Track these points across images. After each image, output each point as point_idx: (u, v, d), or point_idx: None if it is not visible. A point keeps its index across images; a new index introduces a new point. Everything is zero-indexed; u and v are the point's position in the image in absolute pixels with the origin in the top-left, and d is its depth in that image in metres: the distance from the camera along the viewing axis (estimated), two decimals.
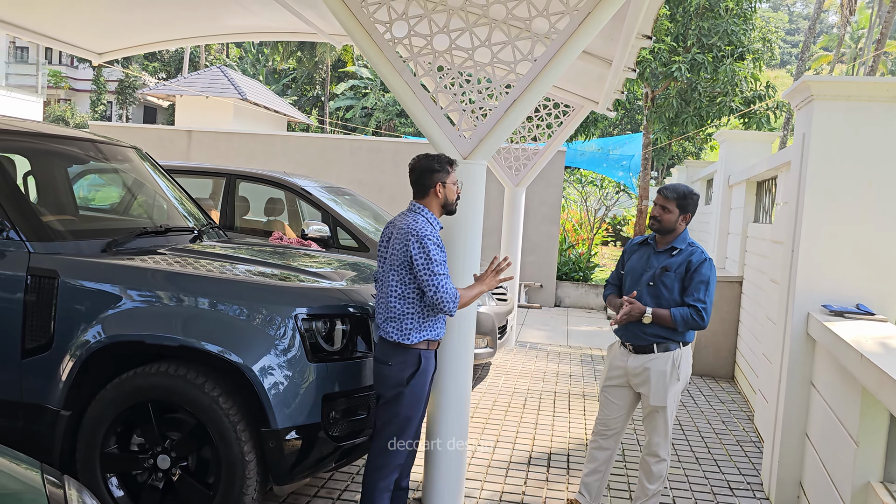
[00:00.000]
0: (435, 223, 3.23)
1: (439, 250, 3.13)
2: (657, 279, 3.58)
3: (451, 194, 3.29)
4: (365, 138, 12.89)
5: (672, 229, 3.61)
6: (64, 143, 4.50)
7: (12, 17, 5.88)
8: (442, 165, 3.27)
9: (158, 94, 22.73)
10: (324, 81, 35.06)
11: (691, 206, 3.62)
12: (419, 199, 3.28)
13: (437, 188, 3.25)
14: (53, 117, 33.25)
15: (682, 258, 3.57)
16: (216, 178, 6.76)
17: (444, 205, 3.29)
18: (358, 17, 3.58)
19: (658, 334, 3.55)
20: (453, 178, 3.29)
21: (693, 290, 3.51)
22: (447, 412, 3.67)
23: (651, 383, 3.57)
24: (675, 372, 3.56)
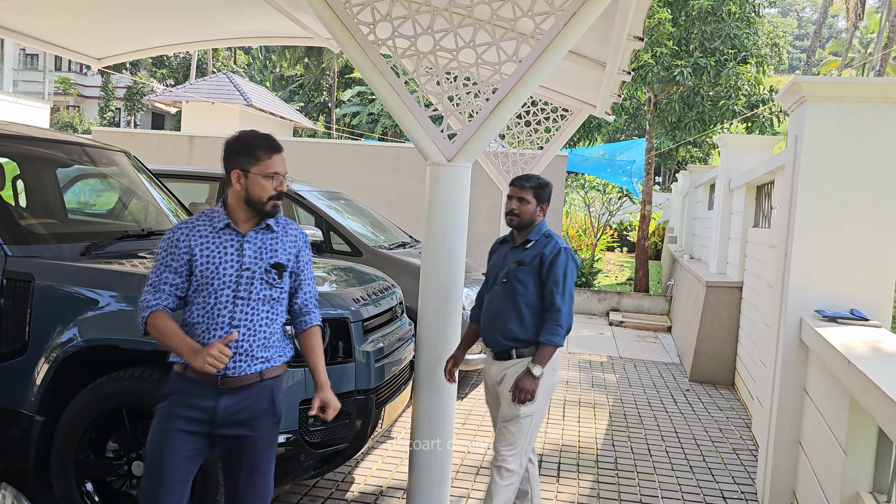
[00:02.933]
0: (217, 219, 2.45)
1: (166, 251, 2.42)
2: (511, 276, 3.31)
3: (257, 189, 2.42)
4: (366, 144, 12.88)
5: (531, 221, 3.38)
6: (53, 147, 4.49)
7: (14, 23, 5.89)
8: (249, 147, 2.45)
9: (165, 100, 22.83)
10: (331, 88, 35.14)
11: (547, 195, 3.42)
12: (228, 188, 2.52)
13: (234, 176, 2.44)
14: (62, 124, 33.45)
15: (535, 251, 3.31)
16: (211, 183, 6.74)
17: (247, 201, 2.44)
18: (342, 18, 3.54)
19: (517, 337, 3.26)
20: (265, 169, 2.42)
21: (547, 296, 3.22)
22: (432, 412, 3.61)
23: (504, 391, 3.29)
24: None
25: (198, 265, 2.41)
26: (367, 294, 3.76)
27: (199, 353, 2.31)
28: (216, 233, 2.44)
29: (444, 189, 3.56)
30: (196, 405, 2.39)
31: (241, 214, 2.46)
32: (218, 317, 2.41)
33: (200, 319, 2.42)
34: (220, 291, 2.41)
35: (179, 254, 2.41)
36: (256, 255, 2.47)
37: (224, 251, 2.43)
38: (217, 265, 2.42)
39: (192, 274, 2.42)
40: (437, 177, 3.57)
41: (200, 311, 2.42)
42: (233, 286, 2.42)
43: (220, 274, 2.42)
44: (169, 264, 2.41)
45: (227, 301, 2.42)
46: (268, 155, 2.44)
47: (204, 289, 2.41)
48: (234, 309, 2.42)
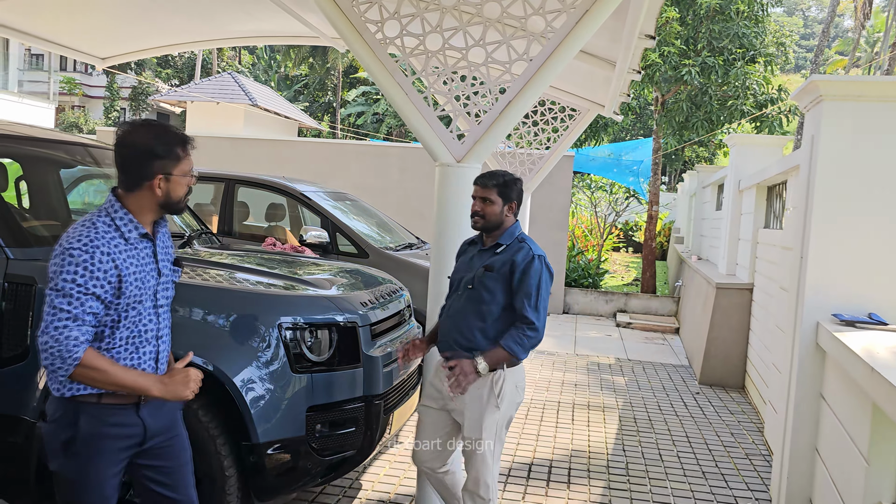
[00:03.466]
0: (127, 229, 2.18)
1: (87, 275, 2.07)
2: (477, 282, 2.99)
3: (179, 190, 2.23)
4: (371, 143, 12.82)
5: (499, 223, 3.06)
6: (56, 148, 4.44)
7: (19, 23, 5.86)
8: (169, 147, 2.20)
9: (170, 100, 22.79)
10: (335, 87, 35.10)
11: (515, 192, 3.08)
12: (125, 192, 2.21)
13: (155, 182, 2.18)
14: (67, 124, 33.48)
15: (506, 256, 2.99)
16: (216, 184, 6.69)
17: (164, 204, 2.23)
18: (349, 16, 3.48)
19: (479, 348, 2.96)
20: (185, 167, 2.23)
21: (520, 302, 2.93)
22: None
23: (466, 410, 2.98)
24: (494, 398, 2.96)
25: (128, 284, 2.16)
26: (374, 297, 3.69)
27: (173, 381, 2.20)
28: (131, 244, 2.19)
29: (453, 190, 3.50)
30: (125, 433, 2.21)
31: (148, 218, 2.25)
32: (145, 332, 2.26)
33: (124, 342, 2.21)
34: (144, 305, 2.24)
35: (106, 278, 2.11)
36: (164, 258, 2.35)
37: (145, 262, 2.24)
38: (144, 279, 2.22)
39: (118, 296, 2.15)
40: (446, 178, 3.51)
41: (127, 332, 2.21)
42: (152, 297, 2.28)
43: (147, 287, 2.24)
44: (92, 291, 2.08)
45: (150, 313, 2.27)
46: (185, 151, 2.24)
47: (132, 308, 2.20)
48: (157, 320, 2.30)
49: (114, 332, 2.19)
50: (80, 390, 2.16)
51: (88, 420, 2.16)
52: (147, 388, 2.17)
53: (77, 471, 2.18)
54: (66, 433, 2.17)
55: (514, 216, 3.11)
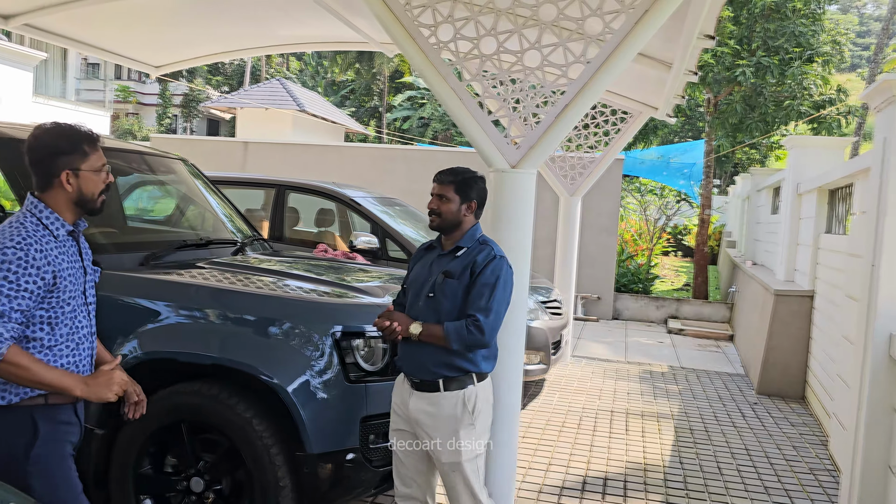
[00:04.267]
0: (55, 226, 2.24)
1: (19, 272, 2.10)
2: (437, 289, 2.78)
3: (91, 186, 2.27)
4: (418, 148, 12.80)
5: (456, 223, 2.87)
6: (113, 155, 4.50)
7: (78, 34, 6.00)
8: (74, 143, 2.24)
9: (220, 106, 23.19)
10: (381, 92, 35.31)
11: (475, 190, 2.90)
12: (40, 193, 2.26)
13: (63, 178, 2.23)
14: (121, 131, 34.35)
15: (466, 260, 2.79)
16: (267, 189, 6.73)
17: (77, 202, 2.27)
18: (402, 21, 3.43)
19: (448, 363, 2.73)
20: (95, 163, 2.27)
21: (473, 297, 2.71)
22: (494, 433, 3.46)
23: (439, 435, 2.76)
24: (469, 416, 2.76)
25: (63, 280, 2.22)
26: None
27: (97, 382, 2.25)
28: (60, 242, 2.25)
29: (508, 196, 3.42)
30: (70, 431, 2.29)
31: (69, 217, 2.29)
32: (81, 329, 2.31)
33: (65, 338, 2.25)
34: (78, 302, 2.29)
35: (40, 274, 2.15)
36: (86, 256, 2.41)
37: (72, 259, 2.30)
38: (75, 276, 2.28)
39: (52, 293, 2.19)
40: (501, 183, 3.43)
41: (64, 328, 2.25)
42: (82, 295, 2.33)
43: (77, 284, 2.29)
44: (23, 288, 2.11)
45: (83, 310, 2.33)
46: (93, 147, 2.28)
47: (67, 304, 2.24)
48: (88, 318, 2.36)
49: (53, 330, 2.22)
50: (25, 395, 2.18)
51: (45, 422, 2.21)
52: (70, 388, 2.20)
53: (44, 471, 2.19)
54: (24, 439, 2.18)
55: (476, 217, 2.94)
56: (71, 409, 2.30)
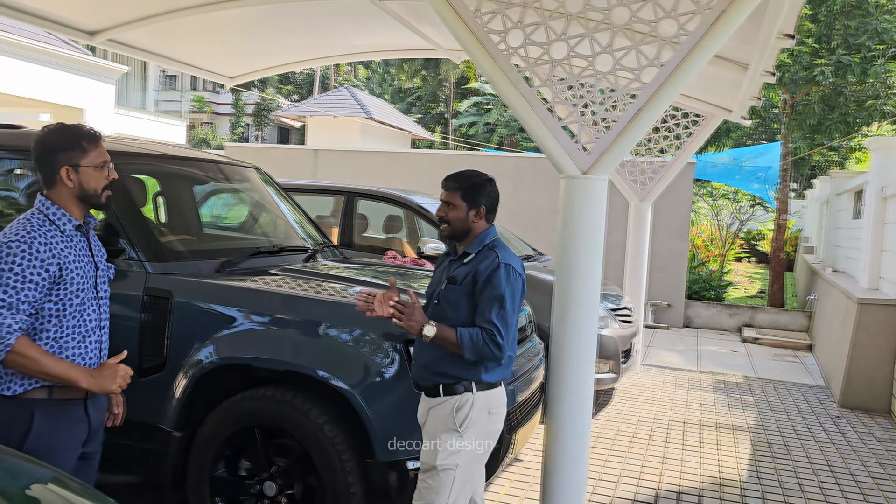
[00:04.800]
0: (61, 222, 2.33)
1: (24, 265, 2.19)
2: (441, 296, 2.70)
3: (92, 181, 2.35)
4: (485, 153, 12.80)
5: (465, 230, 2.75)
6: (190, 164, 4.64)
7: (155, 47, 6.24)
8: (72, 140, 2.32)
9: (290, 115, 23.75)
10: (447, 99, 35.48)
11: (484, 195, 2.78)
12: (47, 190, 2.37)
13: (63, 174, 2.31)
14: (197, 139, 35.51)
15: (470, 266, 2.67)
16: (336, 196, 6.82)
17: (80, 197, 2.35)
18: (471, 27, 3.42)
19: (444, 371, 2.65)
20: (95, 159, 2.35)
21: (482, 309, 2.59)
22: (564, 444, 3.41)
23: (427, 433, 2.70)
24: (454, 422, 2.62)
25: (69, 272, 2.29)
26: None
27: (101, 375, 2.30)
28: (67, 236, 2.34)
29: (579, 203, 3.37)
30: (75, 429, 2.32)
31: (75, 212, 2.37)
32: (89, 322, 2.38)
33: (72, 331, 2.32)
34: (87, 295, 2.36)
35: (45, 266, 2.23)
36: (98, 251, 2.49)
37: (81, 254, 2.37)
38: (84, 269, 2.36)
39: (59, 285, 2.27)
40: (571, 190, 3.38)
41: (72, 320, 2.32)
42: (93, 289, 2.40)
43: (86, 278, 2.36)
44: (30, 279, 2.20)
45: (93, 304, 2.40)
46: (93, 144, 2.36)
47: (76, 296, 2.32)
48: (99, 311, 2.43)
49: (61, 322, 2.29)
50: (30, 387, 2.24)
51: (42, 417, 2.24)
52: (77, 379, 2.25)
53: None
54: (20, 429, 2.23)
55: (487, 222, 2.80)
56: (80, 406, 2.34)
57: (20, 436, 2.23)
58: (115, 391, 2.35)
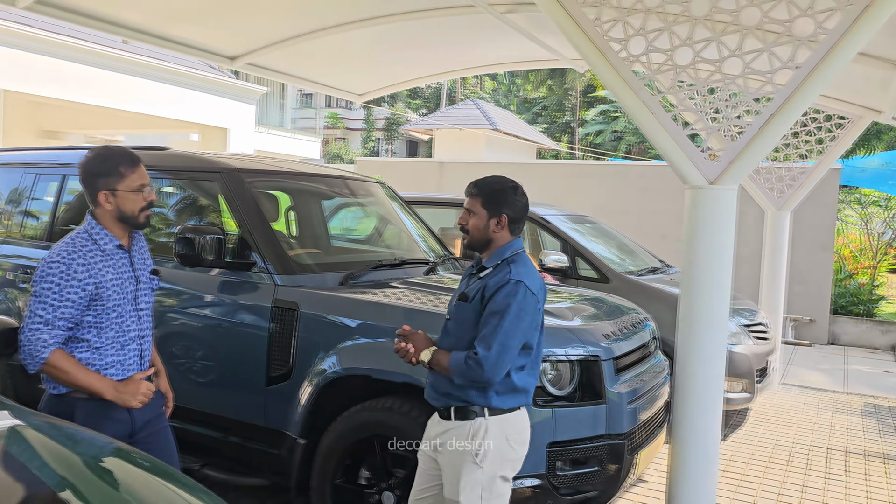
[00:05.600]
0: (103, 241, 2.47)
1: (62, 284, 2.34)
2: (452, 313, 2.56)
3: (128, 204, 2.47)
4: (610, 163, 12.54)
5: (486, 240, 2.53)
6: (318, 181, 4.85)
7: (291, 69, 6.59)
8: (110, 166, 2.44)
9: (418, 129, 24.32)
10: (574, 108, 35.08)
11: (507, 203, 2.53)
12: (92, 209, 2.51)
13: (101, 198, 2.45)
14: (330, 154, 37.03)
15: (483, 282, 2.48)
16: (459, 209, 6.87)
17: (119, 218, 2.49)
18: (591, 36, 3.36)
19: (451, 393, 2.47)
20: (133, 183, 2.46)
21: (480, 325, 2.41)
22: (690, 467, 3.25)
23: (445, 467, 2.49)
24: (472, 454, 2.43)
25: (106, 290, 2.43)
26: (618, 329, 3.51)
27: (125, 388, 2.43)
28: (108, 256, 2.47)
29: (705, 214, 3.23)
30: (115, 427, 2.41)
31: (117, 231, 2.51)
32: (128, 332, 2.51)
33: (111, 340, 2.46)
34: (125, 308, 2.49)
35: (81, 286, 2.38)
36: (140, 266, 2.60)
37: (121, 271, 2.50)
38: (121, 286, 2.48)
39: (96, 301, 2.41)
40: (697, 201, 3.24)
41: (110, 332, 2.46)
42: (132, 302, 2.53)
43: (125, 293, 2.49)
44: (67, 298, 2.35)
45: (132, 316, 2.53)
46: (131, 168, 2.47)
47: (111, 311, 2.45)
48: (139, 322, 2.56)
49: (100, 333, 2.44)
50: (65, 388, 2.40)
51: (83, 415, 2.38)
52: (102, 391, 2.40)
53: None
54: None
55: (511, 233, 2.56)
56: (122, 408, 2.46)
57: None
58: (134, 406, 2.46)
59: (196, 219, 4.07)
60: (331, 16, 5.33)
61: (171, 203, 4.25)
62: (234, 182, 3.79)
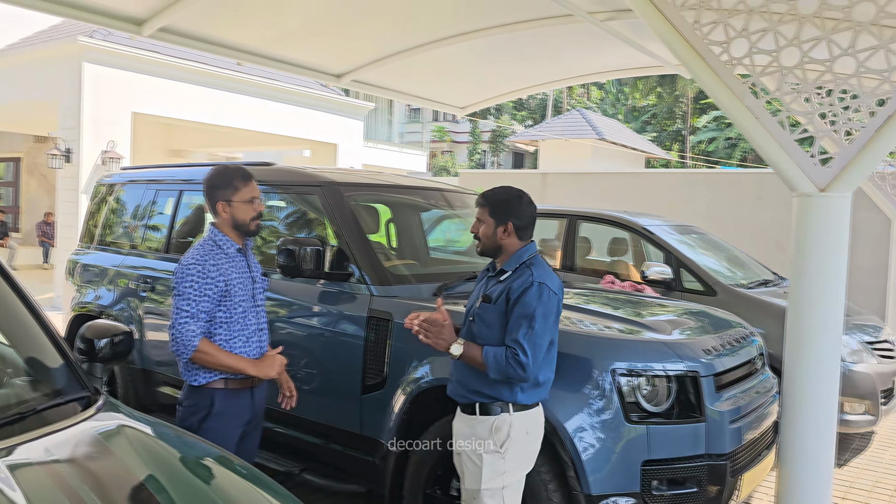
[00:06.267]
0: (226, 246, 2.84)
1: (200, 282, 2.72)
2: (475, 314, 2.66)
3: (242, 213, 2.84)
4: (721, 171, 12.06)
5: (496, 247, 2.71)
6: (417, 193, 4.93)
7: (395, 84, 6.78)
8: (227, 180, 2.83)
9: (523, 140, 24.31)
10: (685, 115, 34.02)
11: (512, 210, 2.68)
12: (214, 218, 2.90)
13: (219, 208, 2.83)
14: (437, 167, 37.54)
15: (505, 284, 2.62)
16: (560, 220, 6.81)
17: (234, 226, 2.85)
18: (689, 40, 3.25)
19: (479, 390, 2.61)
20: (245, 195, 2.84)
21: (511, 328, 2.53)
22: (800, 493, 3.05)
23: (466, 456, 2.63)
24: (496, 444, 2.57)
25: (234, 286, 2.79)
26: (721, 343, 3.35)
27: (263, 364, 2.84)
28: (231, 258, 2.83)
29: (815, 223, 3.04)
30: (242, 411, 2.84)
31: (234, 237, 2.87)
32: (249, 326, 2.87)
33: (238, 333, 2.82)
34: (246, 304, 2.85)
35: (214, 284, 2.75)
36: (255, 268, 2.97)
37: (241, 271, 2.85)
38: (244, 283, 2.84)
39: (226, 297, 2.77)
40: (805, 209, 3.06)
41: (237, 325, 2.82)
42: (251, 299, 2.89)
43: (246, 290, 2.85)
44: (205, 294, 2.72)
45: (251, 312, 2.88)
46: (244, 183, 2.84)
47: (237, 306, 2.81)
48: (257, 317, 2.92)
49: (229, 327, 2.81)
50: (211, 379, 2.78)
51: (220, 402, 2.78)
52: (244, 368, 2.79)
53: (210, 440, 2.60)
54: (202, 412, 2.78)
55: (520, 239, 2.70)
56: (248, 394, 2.86)
57: (203, 415, 2.79)
58: (274, 377, 2.88)
59: (298, 230, 4.22)
60: (432, 31, 5.43)
61: (277, 215, 4.43)
62: (334, 195, 3.91)
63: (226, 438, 2.77)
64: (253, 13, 4.86)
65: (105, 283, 5.02)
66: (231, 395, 2.82)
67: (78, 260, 5.38)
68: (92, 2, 4.48)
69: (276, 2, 4.72)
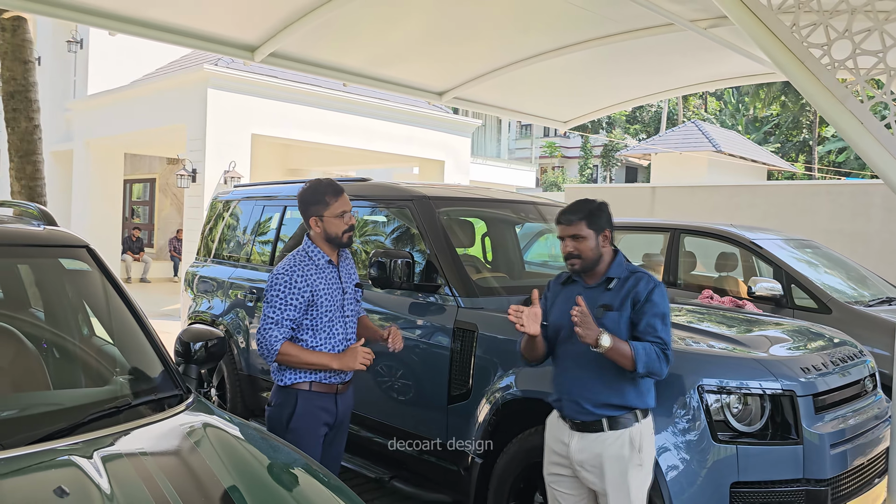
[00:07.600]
0: (316, 257, 2.94)
1: (286, 291, 2.84)
2: (599, 324, 2.55)
3: (333, 227, 2.93)
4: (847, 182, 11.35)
5: (597, 258, 2.68)
6: (511, 207, 4.95)
7: (496, 100, 6.84)
8: (318, 196, 2.93)
9: (636, 154, 23.79)
10: (811, 124, 32.22)
11: (605, 218, 2.70)
12: (309, 231, 3.01)
13: (312, 222, 2.94)
14: (547, 183, 37.32)
15: (624, 291, 2.62)
16: (665, 233, 6.63)
17: (326, 239, 2.95)
18: (787, 43, 3.12)
19: (608, 402, 2.56)
20: (336, 210, 2.92)
21: (649, 326, 2.55)
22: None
23: (606, 476, 2.54)
24: (636, 454, 2.54)
25: (319, 298, 2.89)
26: (824, 362, 3.16)
27: (345, 356, 2.88)
28: (320, 269, 2.93)
29: None
30: (325, 413, 2.91)
31: (326, 249, 2.97)
32: (336, 335, 2.95)
33: (324, 341, 2.91)
34: (334, 314, 2.93)
35: (300, 293, 2.86)
36: (347, 279, 3.04)
37: (331, 282, 2.95)
38: (331, 294, 2.93)
39: (312, 306, 2.88)
40: None
41: (323, 334, 2.91)
42: (340, 309, 2.97)
43: (334, 301, 2.94)
44: (290, 303, 2.84)
45: (339, 321, 2.96)
46: (335, 198, 2.93)
47: (324, 315, 2.91)
48: (345, 327, 2.99)
49: (315, 334, 2.92)
50: (296, 380, 2.89)
51: (303, 402, 2.89)
52: (328, 363, 2.87)
53: (296, 440, 2.74)
54: (287, 411, 2.88)
55: (612, 245, 2.74)
56: (331, 399, 2.95)
57: (288, 415, 2.90)
58: (359, 368, 2.92)
59: (391, 243, 4.33)
60: (530, 47, 5.45)
61: (371, 228, 4.57)
62: (424, 209, 3.99)
63: (311, 440, 2.89)
64: (356, 35, 5.06)
65: (218, 294, 5.32)
66: (314, 397, 2.92)
67: (195, 272, 5.74)
68: (211, 32, 4.82)
69: (379, 24, 4.89)
